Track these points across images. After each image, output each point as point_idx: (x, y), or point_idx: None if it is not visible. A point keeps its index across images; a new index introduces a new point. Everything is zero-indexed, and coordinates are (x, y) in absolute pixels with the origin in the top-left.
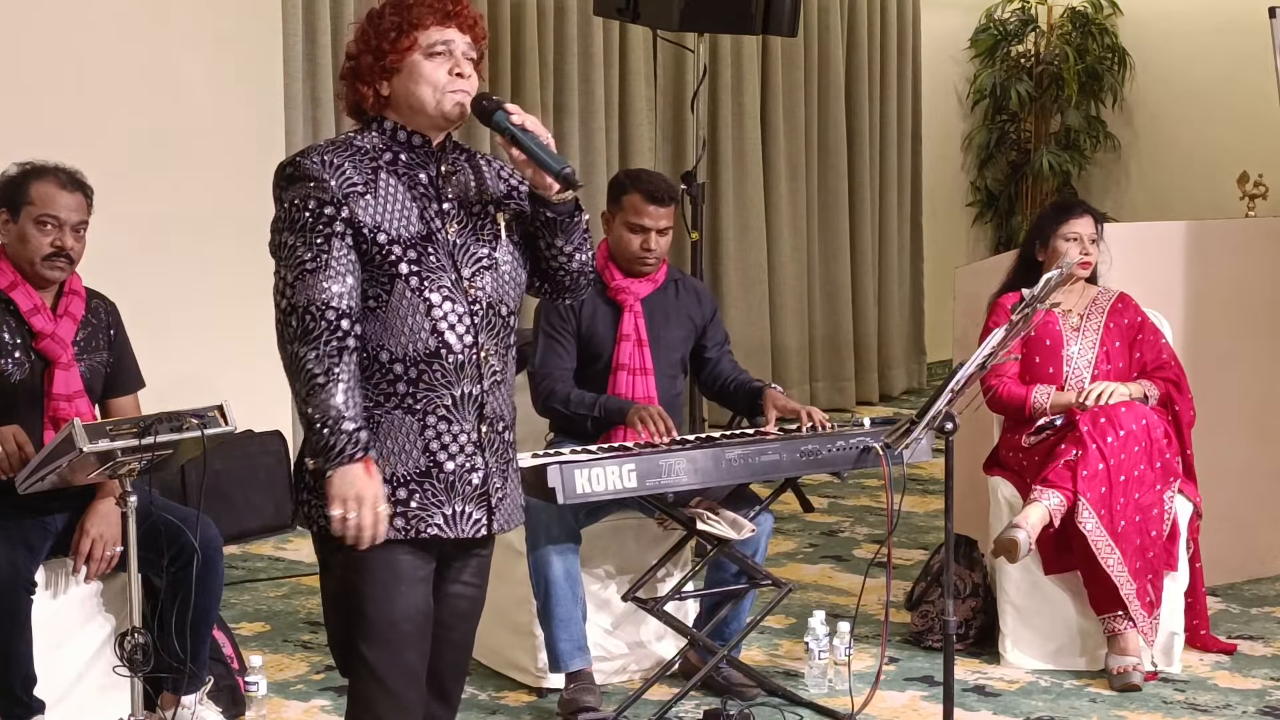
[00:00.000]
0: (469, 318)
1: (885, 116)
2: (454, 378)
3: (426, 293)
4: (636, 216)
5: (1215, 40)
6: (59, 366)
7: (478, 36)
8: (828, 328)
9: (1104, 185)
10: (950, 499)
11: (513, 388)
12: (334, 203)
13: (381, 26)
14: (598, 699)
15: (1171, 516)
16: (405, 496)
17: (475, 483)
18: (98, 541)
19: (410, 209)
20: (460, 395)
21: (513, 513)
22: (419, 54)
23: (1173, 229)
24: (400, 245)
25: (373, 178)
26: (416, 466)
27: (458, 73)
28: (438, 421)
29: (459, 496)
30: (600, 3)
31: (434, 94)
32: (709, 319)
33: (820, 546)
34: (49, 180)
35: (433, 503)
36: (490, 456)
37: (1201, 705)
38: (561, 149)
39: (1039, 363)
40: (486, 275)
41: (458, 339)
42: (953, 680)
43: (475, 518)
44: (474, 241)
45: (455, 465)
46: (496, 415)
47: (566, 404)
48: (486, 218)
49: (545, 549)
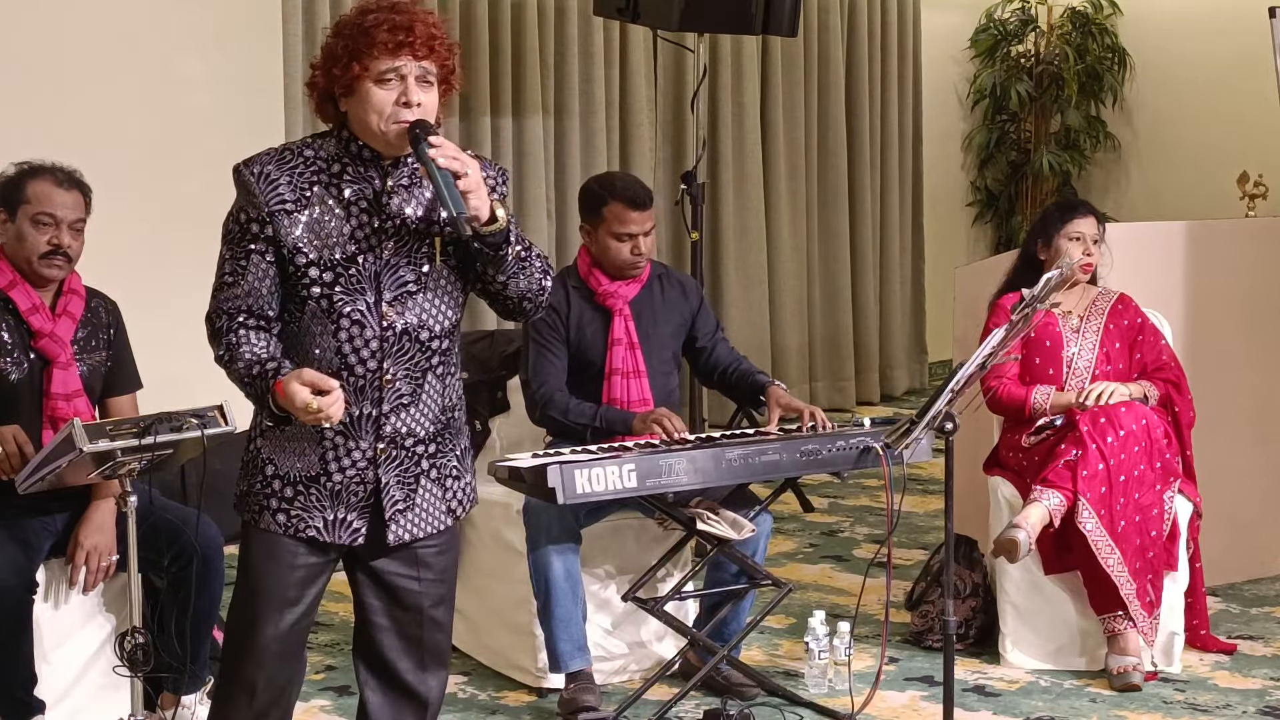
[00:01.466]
0: (376, 342)
1: (885, 116)
2: (352, 399)
3: (336, 315)
4: (622, 225)
5: (1215, 40)
6: (57, 366)
7: (438, 58)
8: (828, 328)
9: (1104, 185)
10: (950, 499)
11: (441, 403)
12: (259, 220)
13: (335, 51)
14: (598, 699)
15: (1171, 516)
16: (292, 495)
17: (362, 494)
18: (93, 553)
19: (342, 227)
20: (359, 415)
21: (428, 521)
22: (369, 81)
23: (1173, 229)
24: (318, 267)
25: (308, 193)
26: (308, 471)
27: (405, 101)
28: (334, 435)
29: (342, 505)
30: (600, 3)
31: (379, 121)
32: (696, 309)
33: (820, 546)
34: (45, 179)
35: (315, 506)
36: (388, 472)
37: (1201, 705)
38: (561, 149)
39: (1039, 363)
40: (409, 300)
41: (360, 363)
42: (953, 680)
43: (355, 526)
44: (405, 263)
45: (343, 476)
46: (402, 433)
47: (565, 414)
48: (424, 238)
49: (545, 549)
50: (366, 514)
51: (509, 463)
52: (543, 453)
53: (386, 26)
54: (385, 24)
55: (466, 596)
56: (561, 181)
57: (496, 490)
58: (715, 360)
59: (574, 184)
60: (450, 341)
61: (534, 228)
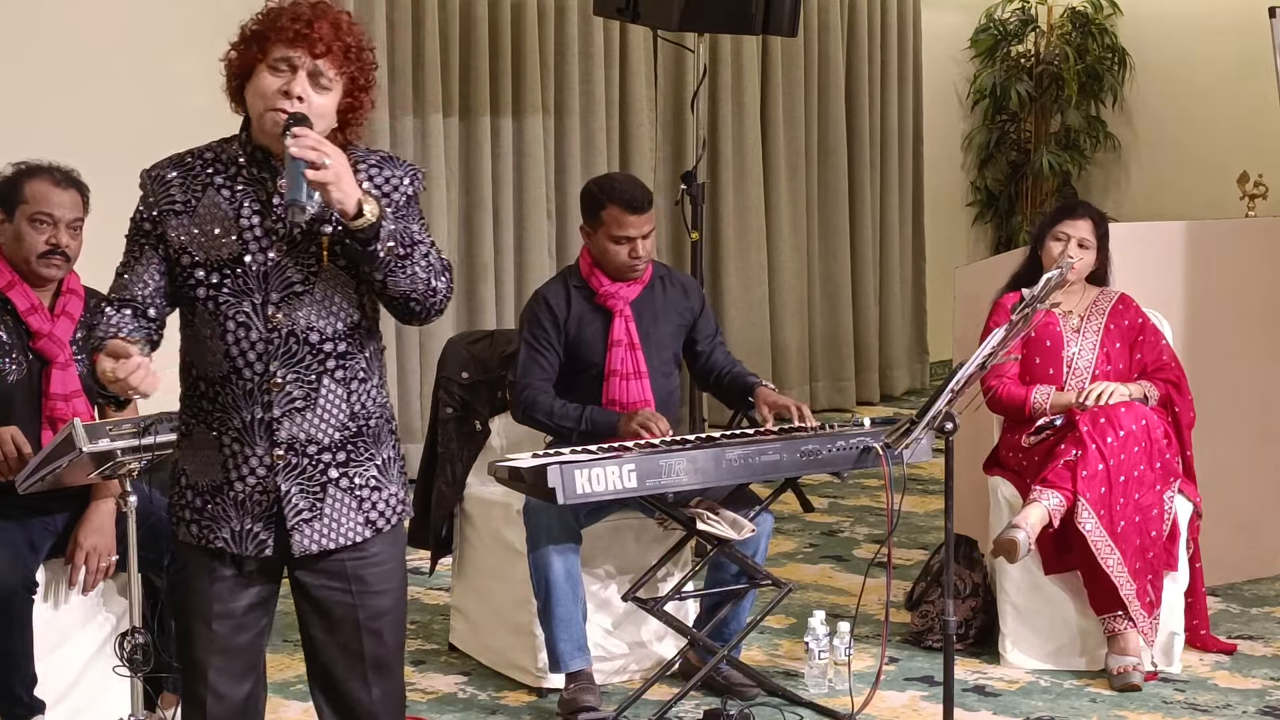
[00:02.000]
0: (263, 344)
1: (885, 116)
2: (243, 403)
3: (223, 318)
4: (620, 229)
5: (1215, 40)
6: (56, 366)
7: (337, 62)
8: (828, 328)
9: (1104, 185)
10: (950, 499)
11: (347, 410)
12: (150, 219)
13: (244, 35)
14: (598, 699)
15: (1171, 516)
16: (201, 505)
17: (265, 504)
18: (92, 554)
19: (231, 229)
20: (249, 420)
21: (339, 532)
22: (264, 66)
23: (1173, 229)
24: (205, 268)
25: (200, 195)
26: (213, 481)
27: (286, 91)
28: (231, 442)
29: (248, 515)
30: (600, 3)
31: (260, 105)
32: (698, 312)
33: (820, 546)
34: (43, 178)
35: (222, 517)
36: (289, 481)
37: (1201, 705)
38: (561, 149)
39: (1039, 363)
40: (296, 301)
41: (248, 365)
42: (953, 680)
43: (260, 537)
44: (293, 264)
45: (245, 486)
46: (301, 440)
47: (550, 415)
48: (314, 238)
49: (545, 549)
50: (272, 524)
51: (509, 463)
52: (543, 453)
53: (291, 15)
54: (291, 14)
55: (466, 596)
56: (561, 181)
57: (496, 490)
58: (712, 364)
59: (574, 184)
60: (351, 345)
61: (534, 228)
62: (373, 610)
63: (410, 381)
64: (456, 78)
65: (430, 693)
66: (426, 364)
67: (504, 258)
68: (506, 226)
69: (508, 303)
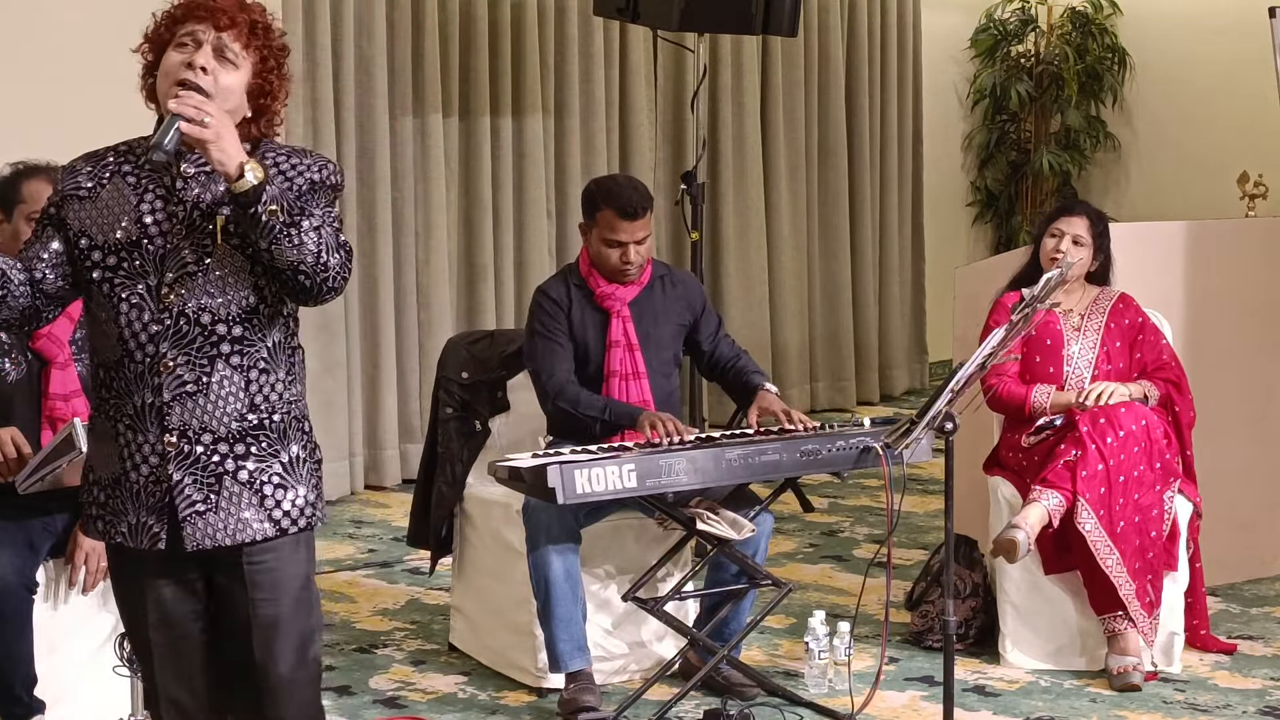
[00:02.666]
0: (155, 325)
1: (885, 116)
2: (134, 386)
3: (116, 300)
4: (612, 233)
5: (1215, 40)
6: (55, 366)
7: (242, 36)
8: (828, 328)
9: (1104, 185)
10: (950, 499)
11: (246, 401)
12: (55, 204)
13: (156, 23)
14: (598, 699)
15: (1171, 517)
16: (104, 499)
17: (159, 495)
18: (92, 553)
19: (130, 213)
20: (140, 405)
21: (236, 528)
22: (171, 46)
23: (1173, 229)
24: (101, 250)
25: (104, 183)
26: (112, 472)
27: (189, 63)
28: (126, 430)
29: (143, 507)
30: (600, 3)
31: (164, 82)
32: (700, 312)
33: (820, 546)
34: (41, 178)
35: (121, 510)
36: (181, 471)
37: (1201, 705)
38: (561, 149)
39: (1039, 362)
40: (190, 282)
41: (139, 347)
42: (953, 680)
43: (154, 531)
44: (188, 245)
45: (140, 476)
46: (193, 427)
47: (576, 404)
48: (210, 219)
49: (545, 549)
50: (165, 516)
51: (509, 463)
52: (543, 452)
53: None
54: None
55: (466, 596)
56: (561, 181)
57: (496, 490)
58: (717, 359)
59: (574, 184)
60: (248, 330)
61: (534, 228)
62: (268, 619)
63: (410, 381)
64: (456, 78)
65: (430, 693)
66: (426, 364)
67: (504, 258)
68: (506, 226)
69: (507, 303)
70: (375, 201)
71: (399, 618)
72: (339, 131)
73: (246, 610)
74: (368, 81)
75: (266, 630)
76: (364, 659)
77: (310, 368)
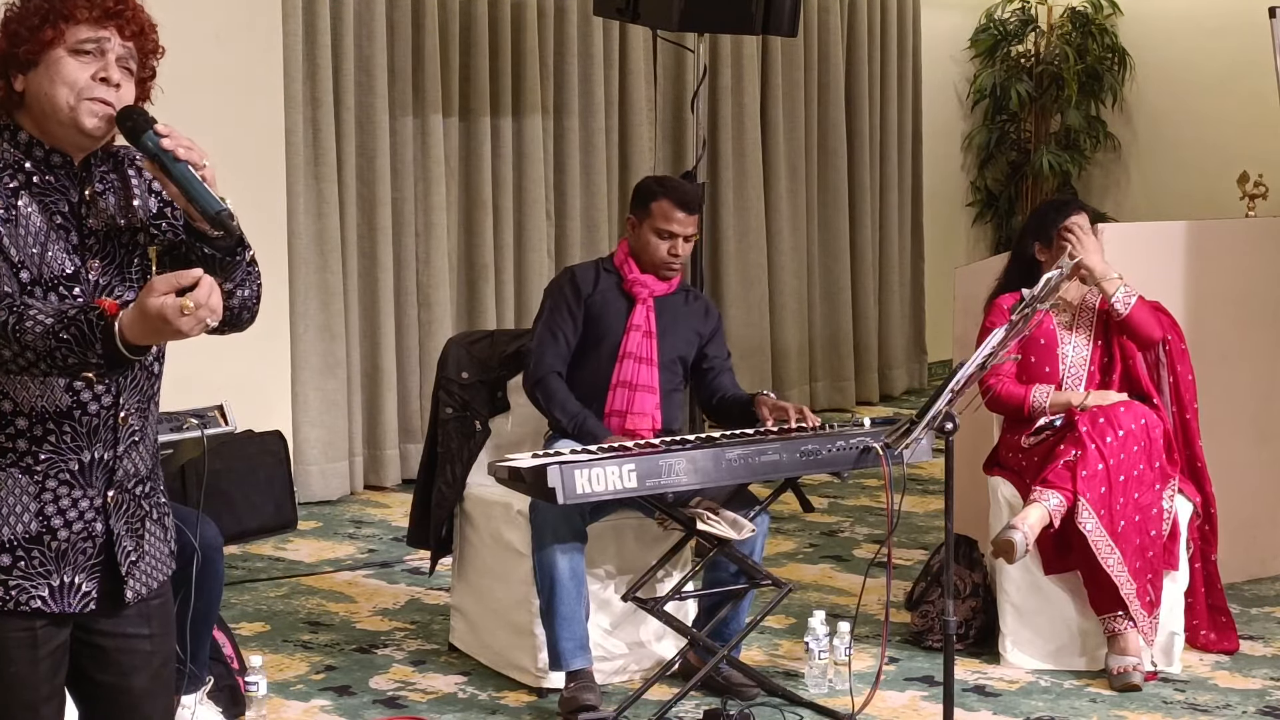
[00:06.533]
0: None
1: (885, 116)
2: (85, 441)
3: None
4: (665, 223)
5: (1215, 40)
6: None
7: (145, 48)
8: (828, 328)
9: (1104, 185)
10: (950, 499)
11: (153, 440)
12: None
13: (28, 8)
14: (598, 698)
15: (1171, 516)
16: (10, 564)
17: (91, 551)
18: None
19: (52, 244)
20: (90, 460)
21: (157, 568)
22: (63, 49)
23: (1173, 229)
24: (41, 286)
25: (13, 202)
26: (26, 531)
27: (103, 77)
28: (59, 486)
29: (70, 566)
30: (600, 3)
31: (70, 98)
32: (711, 335)
33: (820, 546)
34: None
35: (39, 572)
36: (118, 521)
37: (1201, 705)
38: (561, 149)
39: (1035, 361)
40: None
41: (94, 399)
42: (953, 680)
43: (84, 590)
44: (119, 281)
45: (70, 534)
46: (129, 475)
47: (550, 399)
48: (136, 249)
49: (551, 547)
50: (97, 574)
51: (509, 463)
52: (543, 453)
53: None
54: None
55: (466, 596)
56: (561, 181)
57: (496, 490)
58: (717, 385)
59: (573, 184)
60: (160, 363)
61: (534, 228)
62: (164, 655)
63: (410, 381)
64: (456, 78)
65: (430, 693)
66: (426, 364)
67: (504, 258)
68: (506, 226)
69: (507, 303)
70: (375, 201)
71: (399, 618)
72: (339, 131)
73: (145, 652)
74: (368, 81)
75: (164, 664)
76: (364, 659)
77: (310, 368)
